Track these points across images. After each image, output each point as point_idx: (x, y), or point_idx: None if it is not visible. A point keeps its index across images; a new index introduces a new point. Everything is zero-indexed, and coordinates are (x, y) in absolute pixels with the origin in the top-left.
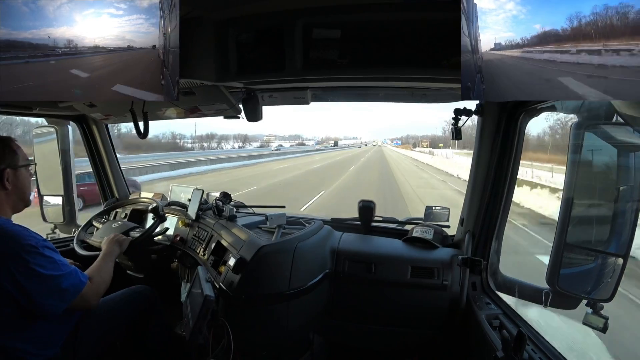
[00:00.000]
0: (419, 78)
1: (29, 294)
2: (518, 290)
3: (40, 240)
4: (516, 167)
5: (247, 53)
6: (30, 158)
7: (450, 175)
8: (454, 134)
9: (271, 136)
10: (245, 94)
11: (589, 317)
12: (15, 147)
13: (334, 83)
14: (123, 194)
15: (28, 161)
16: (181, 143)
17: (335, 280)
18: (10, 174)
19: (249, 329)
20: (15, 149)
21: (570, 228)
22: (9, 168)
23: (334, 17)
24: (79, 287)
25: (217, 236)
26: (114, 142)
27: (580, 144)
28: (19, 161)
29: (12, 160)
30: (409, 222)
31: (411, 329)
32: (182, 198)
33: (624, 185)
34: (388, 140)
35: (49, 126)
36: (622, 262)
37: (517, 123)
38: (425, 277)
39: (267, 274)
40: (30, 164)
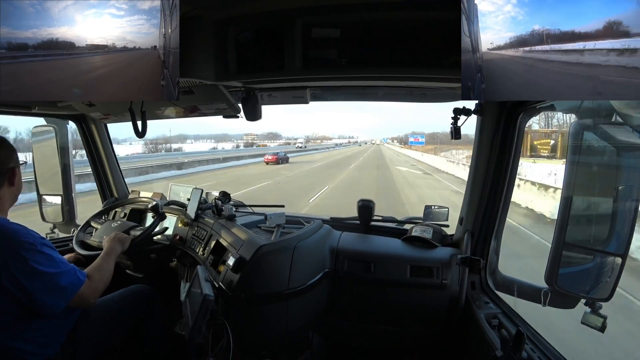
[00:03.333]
0: (418, 77)
1: (28, 291)
2: (517, 290)
3: (38, 238)
4: (515, 166)
5: (246, 52)
6: (25, 157)
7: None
8: (453, 133)
9: (249, 135)
10: (244, 93)
11: (587, 316)
12: (13, 147)
13: (333, 82)
14: (122, 193)
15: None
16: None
17: (335, 280)
18: (17, 173)
19: (248, 328)
20: (14, 149)
21: (569, 227)
22: (17, 167)
23: (334, 16)
24: (78, 285)
25: (216, 235)
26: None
27: (579, 144)
28: (18, 160)
29: (17, 159)
30: (408, 222)
31: (410, 328)
32: (182, 197)
33: (622, 185)
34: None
35: (47, 125)
36: (621, 262)
37: (517, 122)
38: (425, 276)
39: (267, 274)
40: (21, 163)
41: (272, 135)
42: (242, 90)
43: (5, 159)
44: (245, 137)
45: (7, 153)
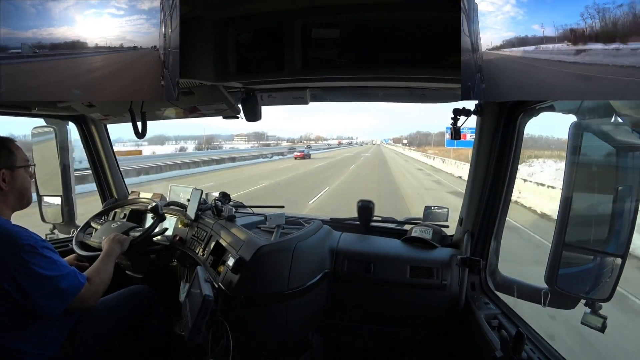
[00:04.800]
0: (418, 78)
1: (28, 294)
2: (517, 290)
3: (39, 240)
4: (515, 167)
5: (246, 53)
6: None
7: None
8: (453, 133)
9: (240, 136)
10: (244, 94)
11: (587, 317)
12: (14, 148)
13: (333, 83)
14: (122, 194)
15: (26, 162)
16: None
17: (334, 280)
18: (7, 175)
19: (248, 329)
20: (13, 150)
21: (569, 228)
22: (5, 169)
23: (333, 17)
24: (78, 288)
25: (216, 236)
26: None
27: (578, 144)
28: (16, 162)
29: (9, 160)
30: (408, 222)
31: (410, 329)
32: (181, 198)
33: (622, 185)
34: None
35: (47, 126)
36: (621, 262)
37: (516, 123)
38: (424, 276)
39: (266, 274)
40: (30, 164)
41: (258, 135)
42: (242, 91)
43: None
44: (237, 139)
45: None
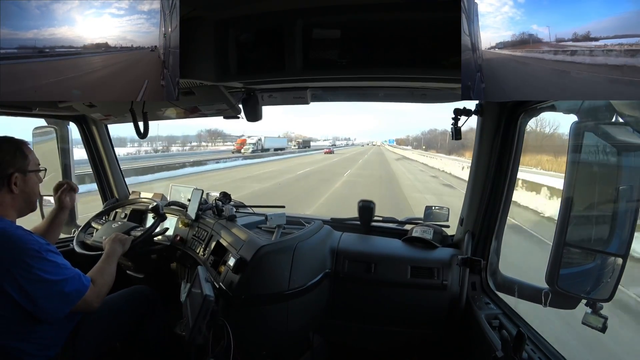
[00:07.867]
0: (418, 78)
1: (33, 298)
2: (517, 290)
3: (43, 244)
4: (516, 167)
5: (247, 53)
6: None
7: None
8: (453, 134)
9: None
10: (245, 94)
11: (588, 317)
12: (28, 152)
13: (333, 83)
14: (123, 194)
15: (38, 167)
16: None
17: (335, 280)
18: (19, 179)
19: (249, 329)
20: (27, 154)
21: (569, 228)
22: (18, 172)
23: (334, 17)
24: (82, 291)
25: (216, 236)
26: None
27: (579, 144)
28: (28, 166)
29: (23, 164)
30: (409, 222)
31: (411, 329)
32: (182, 198)
33: (623, 185)
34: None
35: (48, 126)
36: (622, 262)
37: (517, 123)
38: (425, 277)
39: (267, 274)
40: (40, 169)
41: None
42: (243, 91)
43: (3, 162)
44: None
45: (7, 157)
